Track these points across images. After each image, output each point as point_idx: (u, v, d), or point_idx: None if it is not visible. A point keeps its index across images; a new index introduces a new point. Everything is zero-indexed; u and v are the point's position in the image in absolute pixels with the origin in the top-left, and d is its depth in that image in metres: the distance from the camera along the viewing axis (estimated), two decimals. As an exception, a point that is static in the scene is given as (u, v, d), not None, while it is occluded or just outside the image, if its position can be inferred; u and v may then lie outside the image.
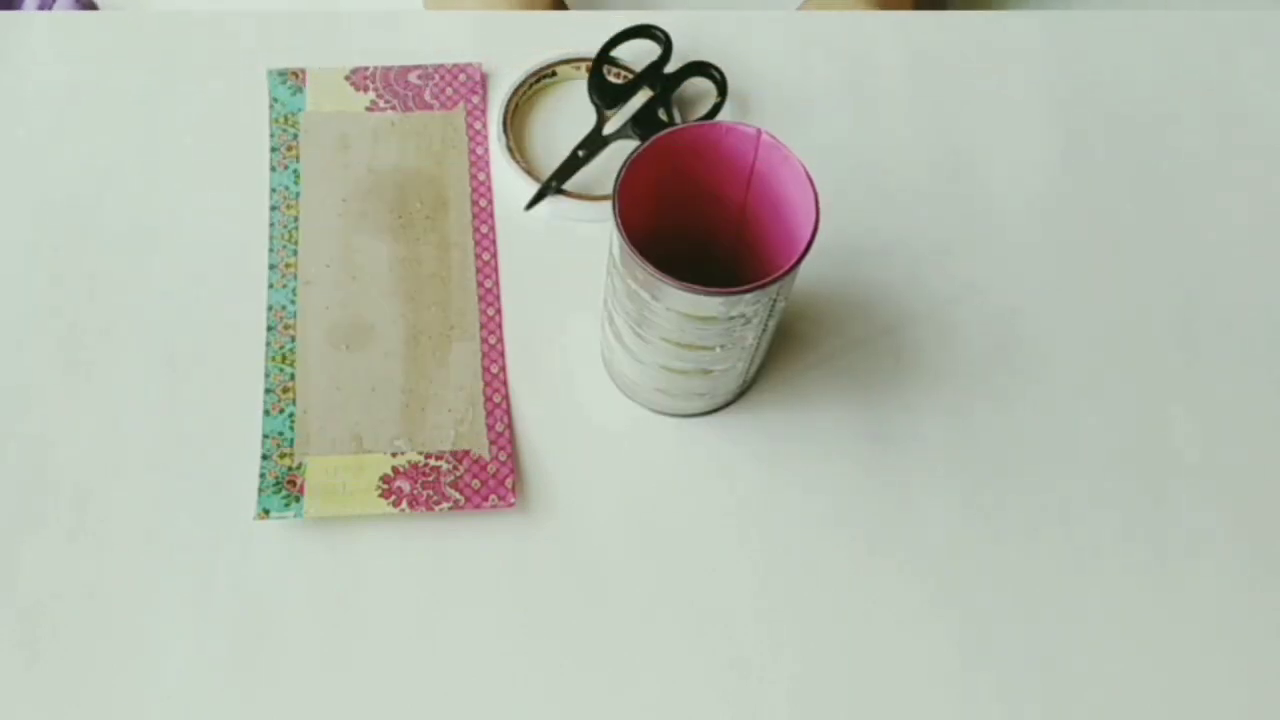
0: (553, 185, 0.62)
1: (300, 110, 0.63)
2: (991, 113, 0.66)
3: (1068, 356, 0.60)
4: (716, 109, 0.64)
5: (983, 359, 0.59)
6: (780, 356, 0.59)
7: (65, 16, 0.67)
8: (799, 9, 0.89)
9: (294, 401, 0.56)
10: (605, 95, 0.64)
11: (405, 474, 0.55)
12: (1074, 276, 0.62)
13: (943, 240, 0.62)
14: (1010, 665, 0.53)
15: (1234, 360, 0.60)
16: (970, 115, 0.66)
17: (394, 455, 0.55)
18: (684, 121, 0.63)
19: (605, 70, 0.65)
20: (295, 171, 0.62)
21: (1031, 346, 0.60)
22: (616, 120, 0.64)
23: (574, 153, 0.63)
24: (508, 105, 0.64)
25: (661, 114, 0.63)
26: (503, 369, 0.58)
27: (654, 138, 0.48)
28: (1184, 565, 0.55)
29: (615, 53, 0.65)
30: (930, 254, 0.62)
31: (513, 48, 0.66)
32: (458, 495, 0.54)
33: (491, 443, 0.56)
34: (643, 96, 0.64)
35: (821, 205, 0.47)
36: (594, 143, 0.63)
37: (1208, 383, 0.59)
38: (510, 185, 0.62)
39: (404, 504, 0.54)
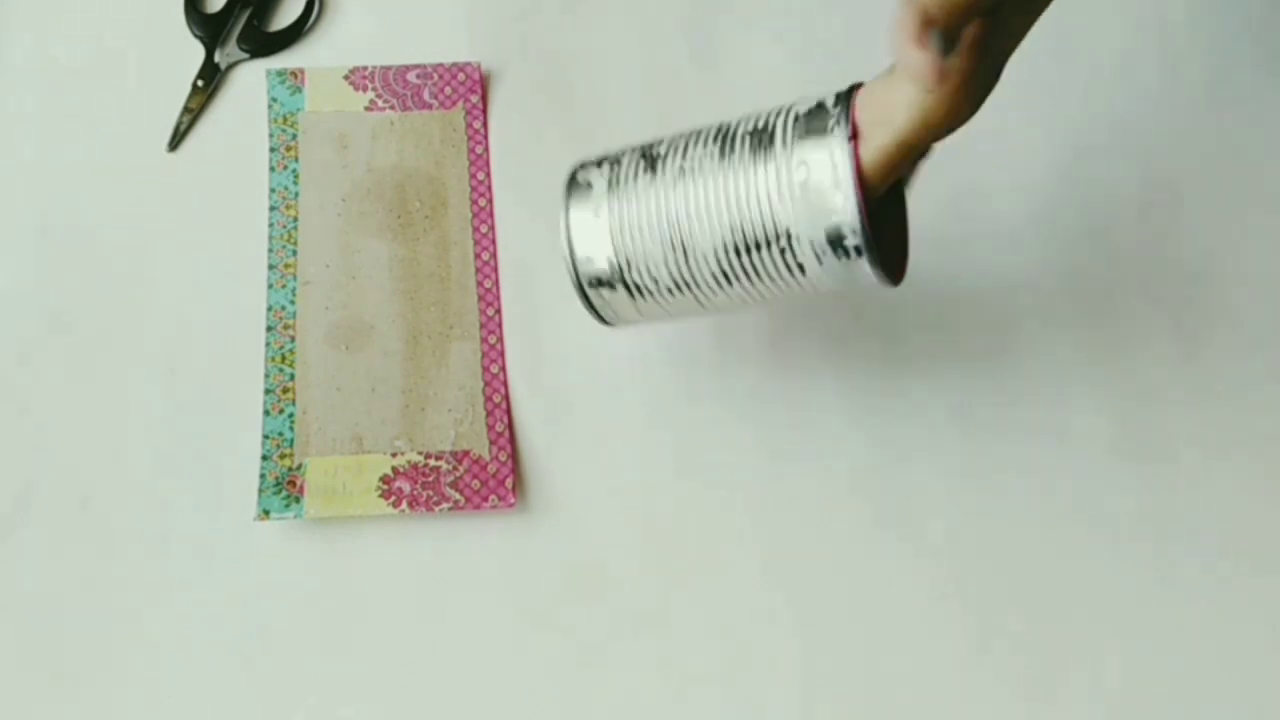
0: (184, 121, 0.63)
1: (299, 110, 0.63)
2: (990, 116, 0.66)
3: (1067, 356, 0.60)
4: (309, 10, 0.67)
5: (983, 357, 0.59)
6: (778, 355, 0.59)
7: (62, 15, 0.67)
8: None
9: (294, 402, 0.56)
10: (205, 25, 0.66)
11: (405, 474, 0.55)
12: (1073, 279, 0.62)
13: (941, 239, 0.62)
14: (1011, 661, 0.53)
15: (1234, 362, 0.60)
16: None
17: (394, 455, 0.55)
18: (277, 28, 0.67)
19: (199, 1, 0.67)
20: (294, 171, 0.62)
21: (1031, 345, 0.60)
22: (226, 45, 0.66)
23: (194, 84, 0.64)
24: None
25: (260, 25, 0.67)
26: (503, 369, 0.58)
27: None
28: (1185, 563, 0.55)
29: None
30: (929, 252, 0.62)
31: (513, 47, 0.66)
32: (458, 495, 0.54)
33: (491, 443, 0.56)
34: (242, 15, 0.67)
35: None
36: (211, 73, 0.64)
37: (1209, 384, 0.59)
38: (511, 185, 0.62)
39: (404, 504, 0.54)
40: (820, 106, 0.46)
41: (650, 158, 0.49)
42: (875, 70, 0.45)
